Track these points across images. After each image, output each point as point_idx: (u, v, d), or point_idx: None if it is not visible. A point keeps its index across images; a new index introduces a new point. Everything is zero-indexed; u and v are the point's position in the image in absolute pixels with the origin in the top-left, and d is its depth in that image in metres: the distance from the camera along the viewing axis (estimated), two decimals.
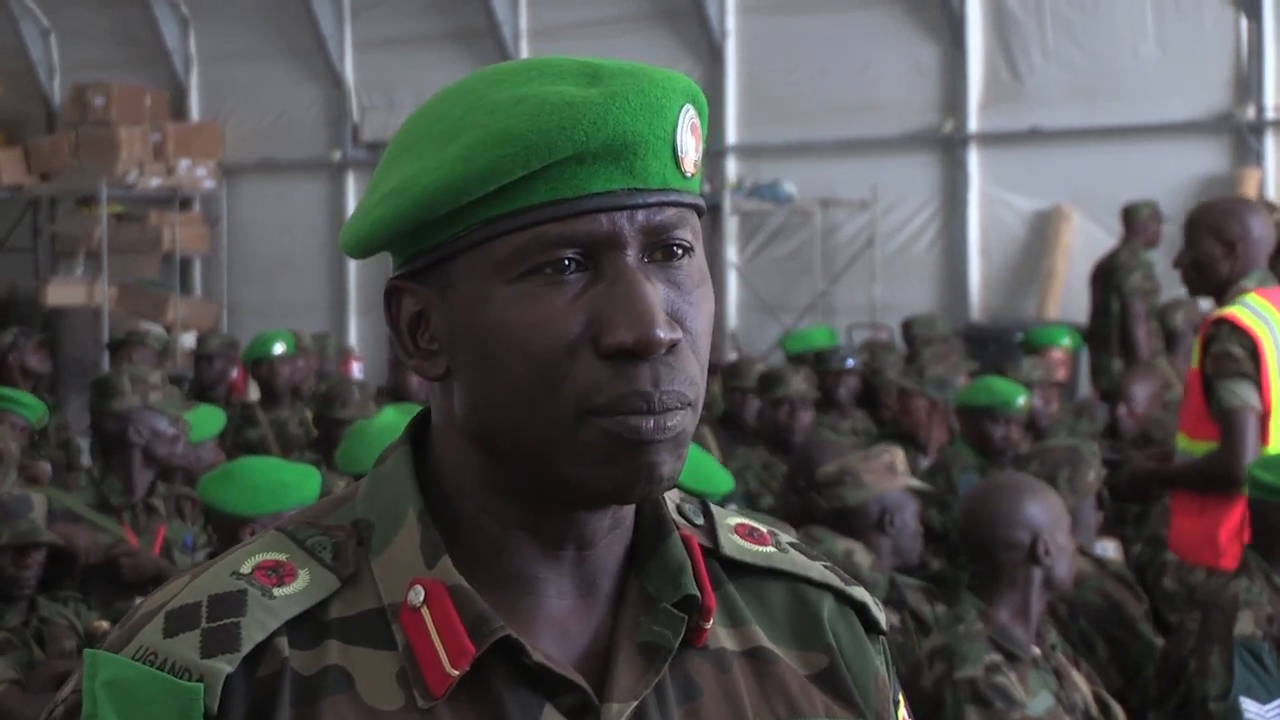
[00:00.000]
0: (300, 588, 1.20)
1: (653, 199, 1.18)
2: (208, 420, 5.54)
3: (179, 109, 14.18)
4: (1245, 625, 3.77)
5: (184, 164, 13.63)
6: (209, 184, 13.86)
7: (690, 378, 1.19)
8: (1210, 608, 3.90)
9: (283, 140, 13.75)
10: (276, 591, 1.19)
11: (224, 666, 1.15)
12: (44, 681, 3.73)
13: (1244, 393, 4.37)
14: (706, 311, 1.21)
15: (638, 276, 1.17)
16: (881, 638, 1.35)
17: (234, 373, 8.65)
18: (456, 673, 1.17)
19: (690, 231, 1.20)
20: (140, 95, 13.73)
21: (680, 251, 1.20)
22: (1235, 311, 4.43)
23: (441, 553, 1.20)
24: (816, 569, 1.33)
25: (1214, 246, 4.52)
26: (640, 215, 1.17)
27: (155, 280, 13.69)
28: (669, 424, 1.17)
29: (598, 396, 1.16)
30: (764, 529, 1.35)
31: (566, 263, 1.17)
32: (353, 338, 13.13)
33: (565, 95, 1.16)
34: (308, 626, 1.19)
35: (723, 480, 4.93)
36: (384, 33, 13.17)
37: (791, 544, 1.35)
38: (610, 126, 1.15)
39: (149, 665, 1.15)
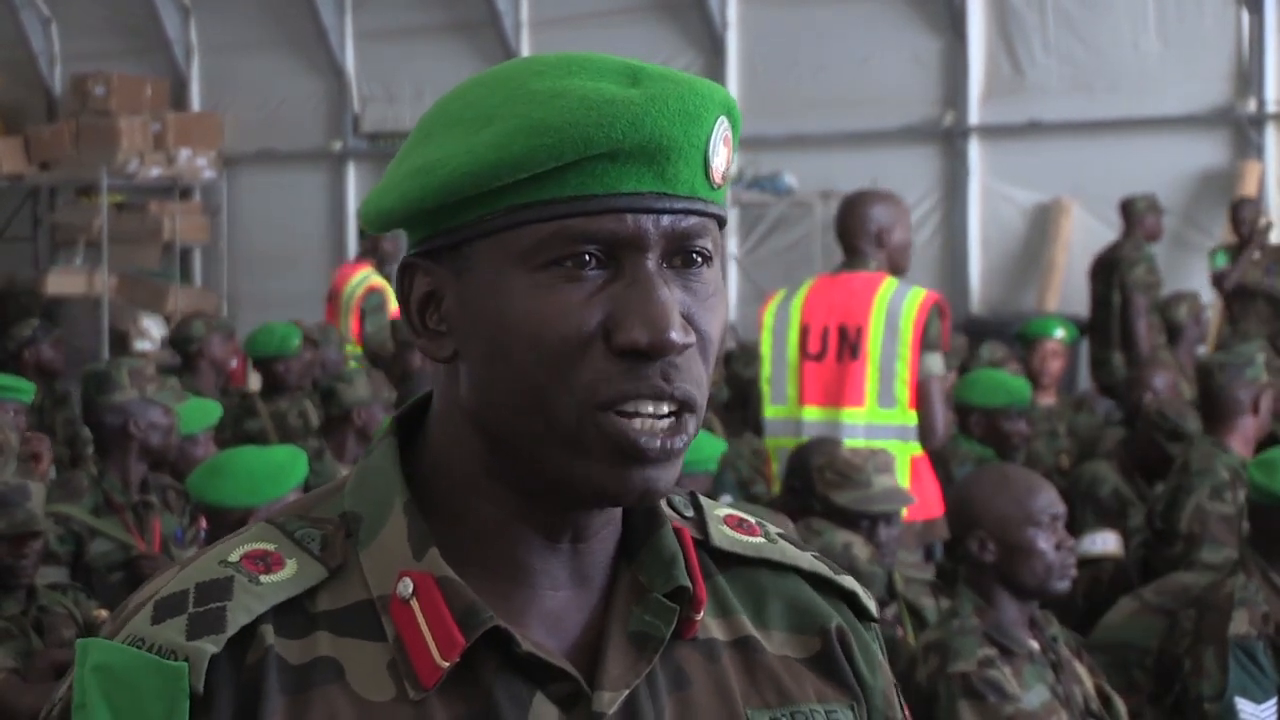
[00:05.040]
0: (287, 576, 1.20)
1: (679, 205, 1.19)
2: (202, 413, 5.51)
3: (179, 99, 14.17)
4: (1240, 624, 3.77)
5: (184, 154, 13.61)
6: (209, 174, 13.85)
7: (697, 379, 1.20)
8: (1205, 607, 3.89)
9: (283, 130, 13.74)
10: (263, 578, 1.20)
11: (209, 647, 1.16)
12: (43, 670, 3.72)
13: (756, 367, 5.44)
14: (720, 319, 1.22)
15: (656, 279, 1.18)
16: (874, 624, 1.36)
17: (233, 362, 8.58)
18: (446, 664, 1.18)
19: (711, 241, 1.21)
20: (141, 85, 13.71)
21: (700, 260, 1.21)
22: (774, 294, 5.32)
23: (430, 544, 1.21)
24: (805, 559, 1.35)
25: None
26: (665, 220, 1.18)
27: (155, 270, 13.68)
28: (671, 444, 1.18)
29: (606, 390, 1.17)
30: (753, 520, 1.36)
31: (587, 258, 1.17)
32: None
33: (605, 93, 1.16)
34: (295, 616, 1.19)
35: (712, 446, 5.02)
36: (385, 24, 13.15)
37: (780, 535, 1.36)
38: (647, 128, 1.16)
39: (136, 649, 1.16)
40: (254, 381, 8.87)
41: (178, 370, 7.51)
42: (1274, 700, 3.76)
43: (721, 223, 1.23)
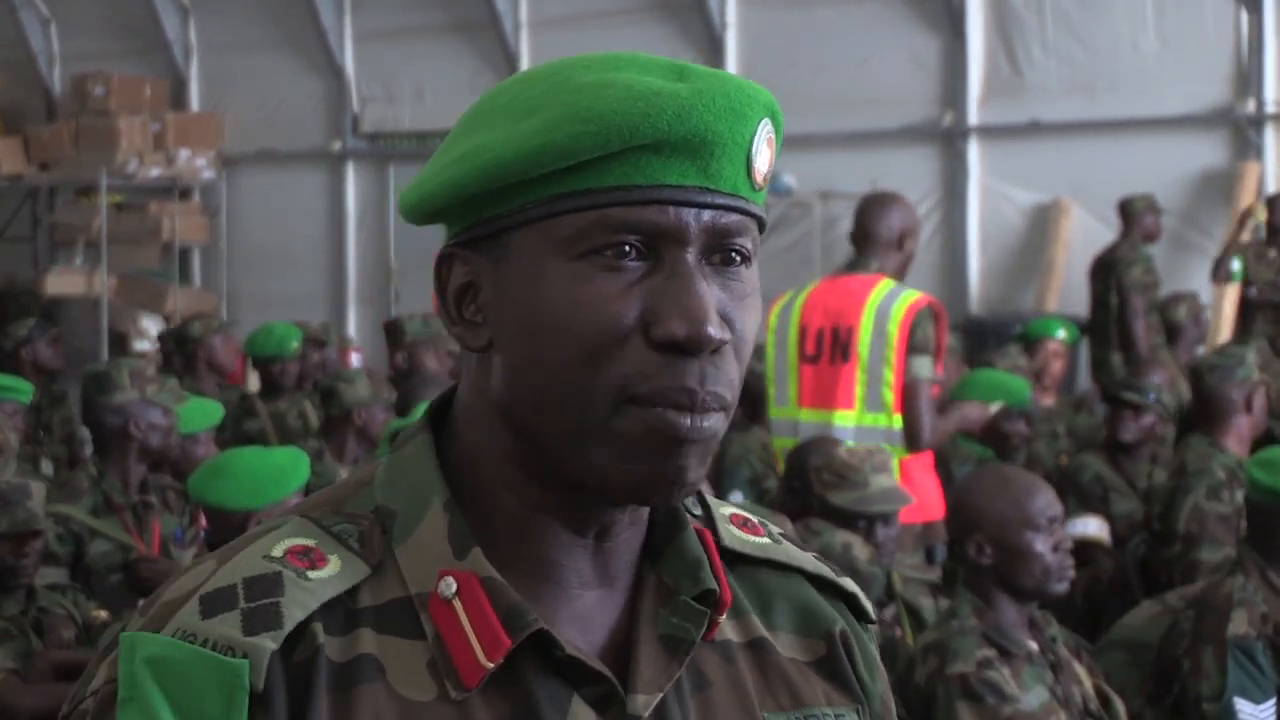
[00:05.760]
0: (333, 572, 1.19)
1: (721, 201, 1.18)
2: (203, 413, 5.51)
3: (179, 99, 14.16)
4: (1239, 625, 3.77)
5: (184, 154, 13.61)
6: (209, 174, 13.84)
7: (730, 381, 1.19)
8: (1204, 607, 3.90)
9: (282, 131, 13.73)
10: (311, 574, 1.18)
11: (268, 644, 1.14)
12: (42, 671, 3.72)
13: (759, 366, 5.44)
14: (754, 320, 1.21)
15: (695, 273, 1.17)
16: (871, 626, 1.37)
17: (233, 364, 8.57)
18: (490, 665, 1.17)
19: (750, 241, 1.21)
20: (140, 85, 13.71)
21: (739, 259, 1.21)
22: (781, 296, 5.37)
23: (471, 544, 1.20)
24: (809, 560, 1.35)
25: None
26: (707, 215, 1.18)
27: (154, 270, 13.67)
28: (705, 424, 1.17)
29: (641, 385, 1.16)
30: (756, 520, 1.36)
31: (627, 249, 1.17)
32: (351, 328, 13.12)
33: (653, 85, 1.17)
34: (339, 613, 1.18)
35: None
36: (384, 24, 13.15)
37: (783, 535, 1.36)
38: (693, 121, 1.16)
39: (190, 644, 1.14)
40: (254, 382, 8.86)
41: (177, 371, 7.51)
42: (1273, 701, 3.76)
43: (761, 225, 1.23)
